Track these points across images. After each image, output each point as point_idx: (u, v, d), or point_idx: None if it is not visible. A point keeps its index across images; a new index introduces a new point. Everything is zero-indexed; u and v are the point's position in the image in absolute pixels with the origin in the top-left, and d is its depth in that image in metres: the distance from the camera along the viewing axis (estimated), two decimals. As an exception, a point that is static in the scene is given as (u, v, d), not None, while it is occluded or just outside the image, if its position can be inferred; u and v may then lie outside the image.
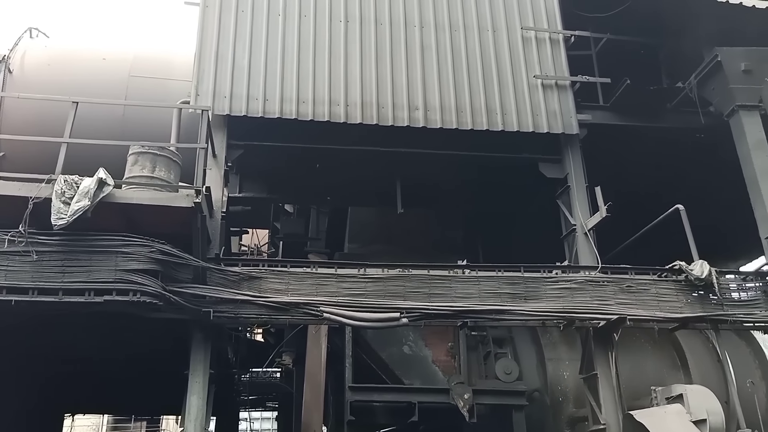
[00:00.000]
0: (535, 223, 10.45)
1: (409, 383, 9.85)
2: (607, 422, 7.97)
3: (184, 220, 6.93)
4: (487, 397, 9.57)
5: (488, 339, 10.18)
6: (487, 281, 8.11)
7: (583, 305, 8.06)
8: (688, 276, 8.24)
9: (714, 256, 8.83)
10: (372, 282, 7.86)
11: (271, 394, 16.19)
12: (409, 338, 10.36)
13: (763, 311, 8.31)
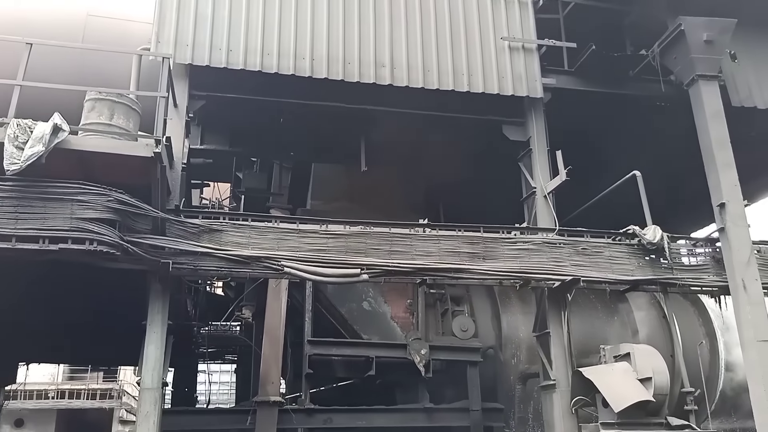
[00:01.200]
0: (496, 185, 10.57)
1: (368, 338, 10.02)
2: (557, 378, 8.28)
3: (143, 170, 6.79)
4: (443, 353, 9.82)
5: (446, 297, 10.39)
6: (447, 240, 8.22)
7: (539, 266, 8.27)
8: (640, 240, 8.50)
9: (667, 223, 9.10)
10: (334, 238, 7.90)
11: (231, 347, 16.26)
12: (369, 294, 10.50)
13: (711, 276, 8.65)
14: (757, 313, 7.93)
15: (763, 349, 7.80)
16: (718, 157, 8.44)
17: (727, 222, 8.27)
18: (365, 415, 9.43)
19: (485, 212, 10.07)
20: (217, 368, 23.09)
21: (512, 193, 9.84)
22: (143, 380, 7.02)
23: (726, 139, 8.58)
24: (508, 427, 9.79)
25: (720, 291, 8.67)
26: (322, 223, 8.03)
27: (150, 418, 6.89)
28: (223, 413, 10.69)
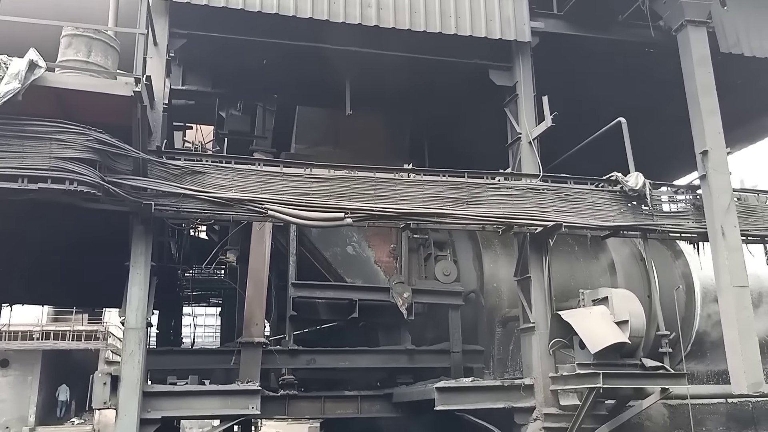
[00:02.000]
0: (482, 130, 10.54)
1: (351, 282, 10.13)
2: (536, 321, 8.46)
3: (122, 110, 6.66)
4: (425, 296, 9.97)
5: (429, 242, 10.48)
6: (431, 185, 8.24)
7: (522, 211, 8.33)
8: (623, 187, 8.56)
9: (651, 170, 9.16)
10: (317, 182, 7.87)
11: (216, 290, 16.39)
12: (352, 239, 10.55)
13: (691, 223, 8.78)
14: (735, 259, 8.08)
15: (739, 294, 8.00)
16: (703, 103, 8.43)
17: (709, 169, 8.33)
18: (348, 356, 9.63)
19: (471, 158, 10.10)
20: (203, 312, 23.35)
21: (498, 139, 9.83)
22: (127, 320, 7.07)
23: (712, 85, 8.56)
24: (487, 368, 10.03)
25: (699, 237, 8.81)
26: (306, 167, 7.99)
27: (135, 357, 6.98)
28: (208, 353, 10.85)
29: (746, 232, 8.62)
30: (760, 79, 10.42)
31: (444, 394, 8.21)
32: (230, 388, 7.97)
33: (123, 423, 6.91)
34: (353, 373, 10.15)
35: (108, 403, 7.02)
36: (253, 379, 8.35)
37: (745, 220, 8.66)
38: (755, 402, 9.35)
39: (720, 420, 9.16)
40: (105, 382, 7.01)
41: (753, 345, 7.89)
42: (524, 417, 8.26)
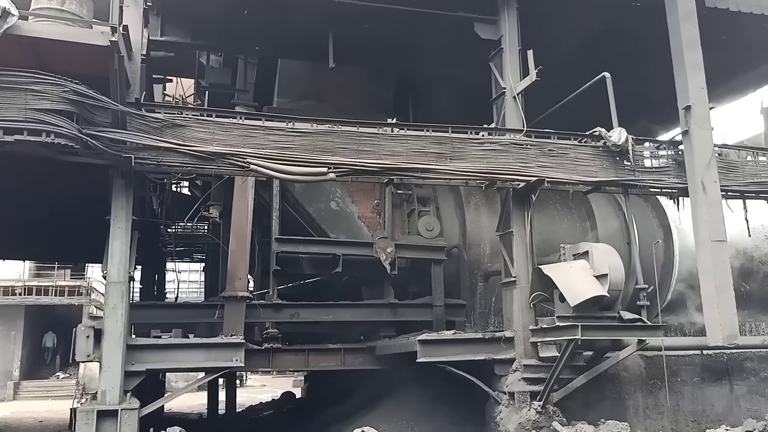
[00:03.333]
0: (466, 85, 10.43)
1: (335, 237, 10.14)
2: (518, 275, 8.57)
3: (99, 60, 6.50)
4: (408, 251, 10.03)
5: (413, 197, 10.49)
6: (415, 140, 8.19)
7: (505, 166, 8.33)
8: (606, 142, 8.58)
9: (635, 126, 9.17)
10: (300, 136, 7.80)
11: (199, 245, 16.37)
12: (336, 194, 10.52)
13: (672, 178, 8.85)
14: (714, 214, 8.19)
15: (716, 248, 8.13)
16: (687, 58, 8.40)
17: (692, 124, 8.36)
18: (331, 309, 9.71)
19: (455, 113, 10.01)
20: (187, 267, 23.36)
21: (482, 94, 9.75)
22: (109, 274, 7.06)
23: (696, 40, 8.52)
24: (469, 321, 10.19)
25: (679, 193, 8.89)
26: (289, 121, 7.90)
27: (117, 310, 6.99)
28: (191, 307, 10.85)
29: (726, 188, 8.72)
30: (744, 34, 10.37)
31: (426, 346, 8.34)
32: (214, 341, 8.04)
33: (107, 375, 6.96)
34: (337, 327, 10.27)
35: (92, 356, 7.06)
36: (237, 333, 8.41)
37: (725, 176, 8.74)
38: (730, 354, 9.63)
39: (695, 371, 9.44)
40: (88, 336, 7.03)
41: (729, 298, 8.07)
42: (504, 368, 8.44)
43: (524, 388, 8.16)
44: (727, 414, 9.29)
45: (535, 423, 7.85)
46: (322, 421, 10.90)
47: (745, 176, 9.03)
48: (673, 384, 9.01)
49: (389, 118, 8.52)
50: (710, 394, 9.40)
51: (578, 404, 8.33)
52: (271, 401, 16.19)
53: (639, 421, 8.66)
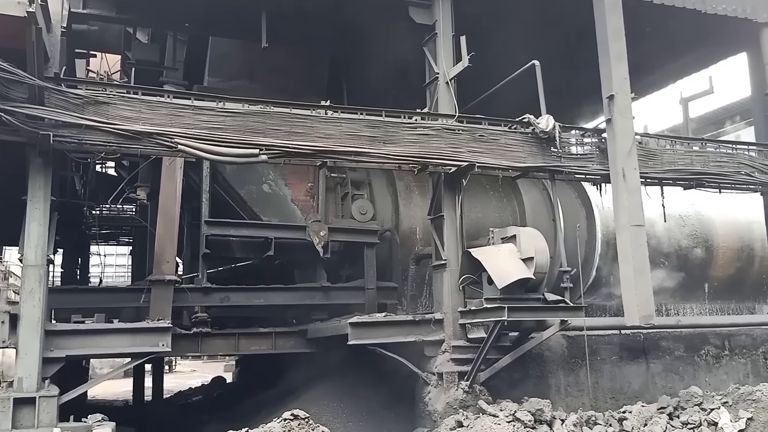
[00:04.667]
0: (401, 69, 10.46)
1: (267, 220, 10.03)
2: (448, 258, 8.72)
3: (15, 31, 6.14)
4: (342, 234, 10.03)
5: (347, 181, 10.48)
6: (348, 123, 8.17)
7: (437, 151, 8.42)
8: (534, 129, 8.79)
9: (563, 114, 9.42)
10: (231, 116, 7.64)
11: (126, 228, 15.85)
12: (269, 177, 10.40)
13: (595, 165, 9.17)
14: (633, 200, 8.54)
15: (635, 232, 8.48)
16: (612, 48, 8.67)
17: (614, 113, 8.65)
18: (263, 293, 9.62)
19: (389, 97, 10.03)
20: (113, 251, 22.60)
21: (416, 78, 9.80)
22: (26, 257, 6.76)
23: (621, 31, 8.79)
24: (400, 304, 10.30)
25: (602, 179, 9.22)
26: (219, 100, 7.72)
27: (35, 295, 6.71)
28: (116, 291, 10.53)
29: (645, 175, 9.10)
30: (667, 26, 10.80)
31: (357, 329, 8.40)
32: (139, 326, 7.84)
33: (24, 362, 6.69)
34: (269, 311, 10.19)
35: (7, 342, 6.76)
36: (164, 317, 8.22)
37: (645, 164, 9.11)
38: (646, 333, 10.11)
39: (613, 350, 9.88)
40: (3, 321, 6.71)
41: (646, 280, 8.45)
42: (434, 350, 8.60)
43: (452, 368, 8.33)
44: (643, 391, 9.78)
45: (462, 402, 8.04)
46: (253, 406, 10.83)
47: (663, 164, 9.45)
48: (593, 363, 9.41)
49: (323, 101, 8.46)
50: (628, 372, 9.87)
51: (504, 383, 8.59)
52: (201, 386, 15.95)
53: (561, 399, 9.01)
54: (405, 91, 10.29)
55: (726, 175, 9.88)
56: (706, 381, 10.18)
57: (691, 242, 12.17)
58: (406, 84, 10.21)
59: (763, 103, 11.63)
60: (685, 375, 10.15)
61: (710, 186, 9.98)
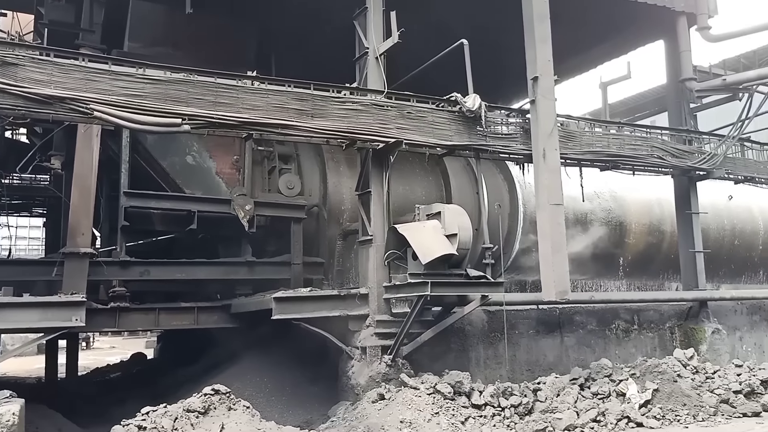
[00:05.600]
0: (330, 43, 10.36)
1: (191, 193, 9.77)
2: (374, 234, 8.77)
3: None
4: (268, 209, 9.90)
5: (274, 155, 10.32)
6: (276, 95, 8.03)
7: (365, 127, 8.41)
8: (461, 107, 8.90)
9: (490, 94, 9.57)
10: (152, 84, 7.37)
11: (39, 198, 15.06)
12: (192, 148, 10.12)
13: (519, 145, 9.39)
14: (553, 180, 8.81)
15: (554, 211, 8.77)
16: (537, 31, 8.84)
17: (538, 95, 8.87)
18: (185, 267, 9.41)
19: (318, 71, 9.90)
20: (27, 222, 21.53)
21: (345, 52, 9.72)
22: (-77, 226, 6.33)
23: (546, 15, 8.97)
24: (327, 279, 10.31)
25: (525, 159, 9.46)
26: (139, 66, 7.41)
27: (-65, 266, 6.30)
28: (26, 264, 10.05)
29: (565, 156, 9.40)
30: (589, 12, 11.14)
31: (281, 303, 8.36)
32: (51, 299, 7.52)
33: None
34: (192, 286, 9.99)
35: None
36: (78, 291, 7.91)
37: (565, 145, 9.41)
38: (562, 308, 10.54)
39: (531, 324, 10.25)
40: None
41: (563, 257, 8.77)
42: (358, 324, 8.67)
43: (376, 342, 8.43)
44: (557, 363, 10.21)
45: (385, 375, 8.16)
46: (174, 382, 10.62)
47: (582, 145, 9.80)
48: (512, 336, 9.73)
49: (250, 71, 8.26)
50: (543, 345, 10.28)
51: (426, 357, 8.77)
52: (120, 363, 15.50)
53: (480, 371, 9.29)
54: (335, 65, 10.18)
55: (640, 158, 10.36)
56: (616, 354, 10.73)
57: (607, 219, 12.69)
58: (337, 57, 10.10)
59: (677, 89, 12.23)
60: (597, 348, 10.66)
61: (625, 168, 10.44)
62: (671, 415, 8.21)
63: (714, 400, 8.52)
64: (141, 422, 6.27)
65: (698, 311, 11.70)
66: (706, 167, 11.24)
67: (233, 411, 6.59)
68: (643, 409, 8.21)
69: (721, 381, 8.94)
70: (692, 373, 9.05)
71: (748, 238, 14.96)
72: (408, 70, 9.97)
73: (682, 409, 8.29)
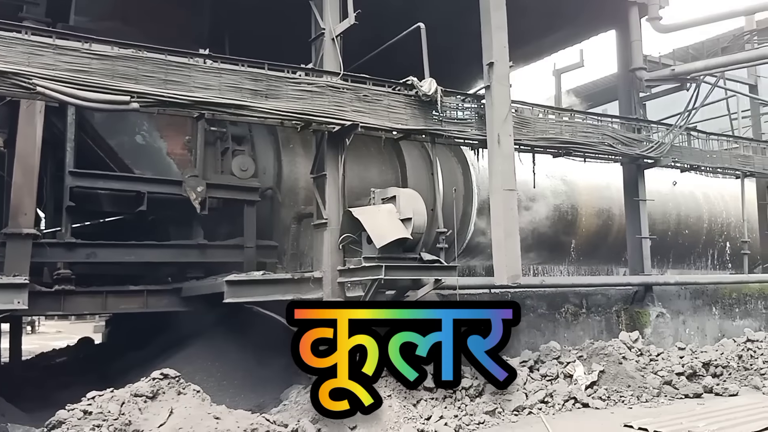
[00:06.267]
0: (284, 23, 10.19)
1: (140, 173, 9.53)
2: (329, 217, 8.72)
3: None
4: (221, 191, 9.72)
5: (227, 136, 10.11)
6: (229, 74, 7.88)
7: (321, 109, 8.33)
8: (417, 91, 8.90)
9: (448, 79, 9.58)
10: (99, 59, 7.14)
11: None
12: (143, 128, 9.87)
13: (474, 130, 9.45)
14: (506, 165, 8.91)
15: (507, 196, 8.88)
16: (493, 18, 8.88)
17: (493, 80, 8.92)
18: (134, 250, 9.19)
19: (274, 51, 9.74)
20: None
21: (302, 34, 9.58)
22: None
23: (502, 2, 9.00)
24: (281, 263, 10.21)
25: (479, 144, 9.54)
26: (85, 41, 7.15)
27: None
28: (-34, 245, 9.63)
29: (519, 142, 9.51)
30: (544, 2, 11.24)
31: (234, 287, 8.25)
32: (-9, 281, 7.25)
33: None
34: (142, 269, 9.76)
35: None
36: (21, 273, 7.64)
37: (519, 131, 9.52)
38: (513, 292, 10.69)
39: (483, 308, 10.37)
40: None
41: (515, 242, 8.89)
42: (312, 308, 8.61)
43: (330, 326, 8.40)
44: (508, 346, 10.29)
45: (337, 358, 8.15)
46: (123, 366, 10.40)
47: (536, 132, 9.93)
48: (465, 320, 9.82)
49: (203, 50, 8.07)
50: (495, 328, 10.41)
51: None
52: (66, 348, 15.08)
53: (432, 354, 9.35)
54: (292, 46, 10.03)
55: (591, 145, 10.57)
56: (565, 337, 10.98)
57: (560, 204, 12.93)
58: (292, 39, 9.94)
59: (628, 79, 12.49)
60: (546, 331, 10.88)
61: (577, 155, 10.64)
62: (616, 396, 8.47)
63: (657, 381, 8.82)
64: (87, 407, 6.11)
65: (644, 295, 12.06)
66: (654, 155, 11.55)
67: (183, 395, 6.49)
68: (589, 390, 8.44)
69: (664, 363, 9.26)
70: (637, 355, 9.35)
71: (694, 225, 15.50)
72: (365, 53, 9.91)
73: (626, 391, 8.56)
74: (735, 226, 15.61)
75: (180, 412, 6.25)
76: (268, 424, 6.41)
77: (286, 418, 6.90)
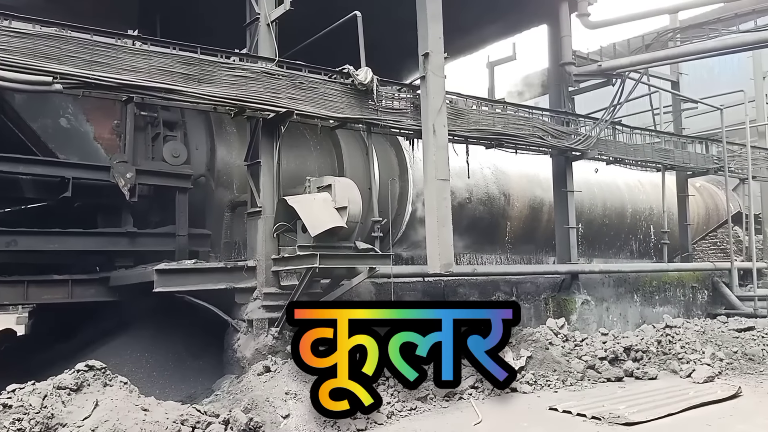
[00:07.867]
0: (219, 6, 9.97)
1: (65, 158, 9.15)
2: (263, 205, 8.65)
3: None
4: (151, 178, 9.43)
5: (158, 121, 9.82)
6: (160, 57, 7.70)
7: (256, 95, 8.23)
8: (353, 80, 8.90)
9: (386, 69, 9.61)
10: (19, 37, 6.86)
11: None
12: (67, 111, 9.45)
13: (409, 120, 9.54)
14: (441, 156, 9.03)
15: (441, 186, 9.01)
16: (429, 8, 8.96)
17: (428, 71, 9.01)
18: (58, 238, 8.82)
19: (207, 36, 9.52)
20: None
21: (236, 17, 9.40)
22: None
23: (438, -8, 9.12)
24: (214, 251, 10.04)
25: (415, 134, 9.65)
26: (4, 18, 6.83)
27: None
28: None
29: (453, 132, 9.66)
30: (480, -5, 11.43)
31: (164, 276, 8.07)
32: None
33: None
34: (68, 257, 9.38)
35: None
36: (-67, 262, 7.24)
37: (453, 122, 9.67)
38: (446, 280, 10.91)
39: (417, 295, 10.54)
40: None
41: (448, 231, 9.04)
42: (245, 297, 8.56)
43: (263, 315, 8.36)
44: (441, 333, 10.57)
45: (272, 348, 8.12)
46: (47, 359, 9.98)
47: (470, 123, 10.11)
48: (399, 307, 9.94)
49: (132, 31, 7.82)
50: (429, 316, 10.58)
51: (313, 328, 8.78)
52: (-14, 341, 14.38)
53: (367, 341, 9.44)
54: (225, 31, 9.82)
55: (522, 137, 10.85)
56: (496, 323, 11.26)
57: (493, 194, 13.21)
58: (227, 23, 9.74)
59: (558, 73, 12.86)
60: (479, 318, 11.12)
61: (508, 146, 10.89)
62: (543, 380, 8.77)
63: (581, 366, 9.18)
64: (6, 400, 5.86)
65: (570, 283, 12.52)
66: (582, 148, 11.97)
67: (109, 387, 6.31)
68: (517, 375, 8.70)
69: (588, 348, 9.64)
70: (563, 341, 9.69)
71: (618, 215, 16.14)
72: (302, 40, 9.81)
73: (552, 375, 8.88)
74: (656, 217, 16.31)
75: (106, 404, 6.07)
76: (198, 414, 6.31)
77: (218, 408, 6.81)
